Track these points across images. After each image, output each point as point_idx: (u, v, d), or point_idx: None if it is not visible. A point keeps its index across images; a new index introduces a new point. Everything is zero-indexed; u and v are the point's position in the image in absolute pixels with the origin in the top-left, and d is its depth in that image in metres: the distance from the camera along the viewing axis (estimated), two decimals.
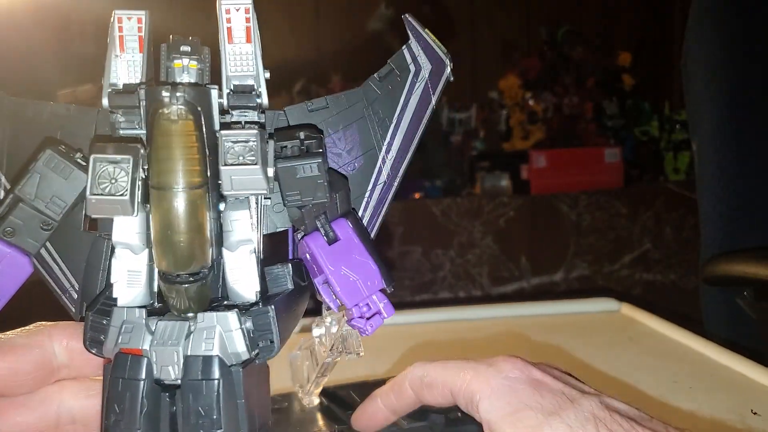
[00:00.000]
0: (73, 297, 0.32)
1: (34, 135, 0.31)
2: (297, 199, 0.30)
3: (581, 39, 2.40)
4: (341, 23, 2.42)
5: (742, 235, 0.96)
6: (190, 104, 0.27)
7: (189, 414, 0.28)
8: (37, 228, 0.30)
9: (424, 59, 0.34)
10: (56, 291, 0.32)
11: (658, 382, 0.63)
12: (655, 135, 2.40)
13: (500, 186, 2.16)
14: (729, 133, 0.96)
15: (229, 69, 0.30)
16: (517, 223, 2.10)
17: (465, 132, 2.32)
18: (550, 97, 2.33)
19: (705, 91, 0.99)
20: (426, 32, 0.34)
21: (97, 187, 0.27)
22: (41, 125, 0.31)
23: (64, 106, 0.32)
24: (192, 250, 0.27)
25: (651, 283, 2.20)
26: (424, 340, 0.80)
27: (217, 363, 0.28)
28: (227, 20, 0.30)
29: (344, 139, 0.33)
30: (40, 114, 0.32)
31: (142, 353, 0.28)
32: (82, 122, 0.32)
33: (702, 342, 0.71)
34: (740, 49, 0.97)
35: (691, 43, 1.01)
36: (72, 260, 0.32)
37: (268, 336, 0.29)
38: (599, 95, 2.38)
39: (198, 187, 0.27)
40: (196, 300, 0.29)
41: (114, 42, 0.30)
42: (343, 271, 0.31)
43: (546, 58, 2.40)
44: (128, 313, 0.29)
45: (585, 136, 2.34)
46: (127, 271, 0.29)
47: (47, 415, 0.32)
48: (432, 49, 0.34)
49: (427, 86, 0.34)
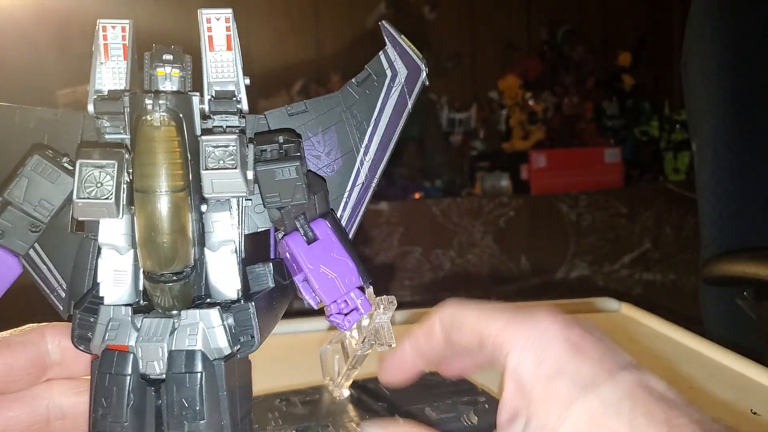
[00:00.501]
0: (60, 296, 0.33)
1: (21, 140, 0.32)
2: (276, 200, 0.32)
3: (581, 39, 2.40)
4: (341, 23, 2.42)
5: (741, 235, 0.96)
6: (173, 111, 0.29)
7: (173, 406, 0.29)
8: (25, 230, 0.31)
9: (400, 64, 0.35)
10: (44, 290, 0.33)
11: None
12: (655, 135, 2.40)
13: (500, 186, 2.16)
14: (729, 133, 0.96)
15: (210, 76, 0.31)
16: (517, 223, 2.10)
17: (465, 132, 2.33)
18: (550, 97, 2.33)
19: (705, 91, 0.99)
20: (402, 38, 0.35)
21: (83, 191, 0.28)
22: (28, 130, 0.32)
23: (51, 111, 0.33)
24: (175, 250, 0.29)
25: (651, 282, 2.20)
26: None
27: (199, 357, 0.29)
28: (208, 29, 0.31)
29: (323, 141, 0.34)
30: (28, 119, 0.32)
31: (128, 349, 0.30)
32: (69, 127, 0.33)
33: (702, 342, 0.71)
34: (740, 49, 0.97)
35: (691, 43, 1.01)
36: (59, 260, 0.32)
37: (249, 331, 0.31)
38: (599, 95, 2.38)
39: (180, 190, 0.29)
40: (179, 298, 0.30)
41: (99, 50, 0.31)
42: (322, 270, 0.32)
43: (546, 58, 2.40)
44: (114, 311, 0.30)
45: (585, 136, 2.34)
46: (113, 270, 0.31)
47: (38, 411, 0.33)
48: (408, 54, 0.35)
49: (404, 90, 0.35)
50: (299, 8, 2.38)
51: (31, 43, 2.09)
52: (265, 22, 2.33)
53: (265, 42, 2.31)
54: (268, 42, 2.32)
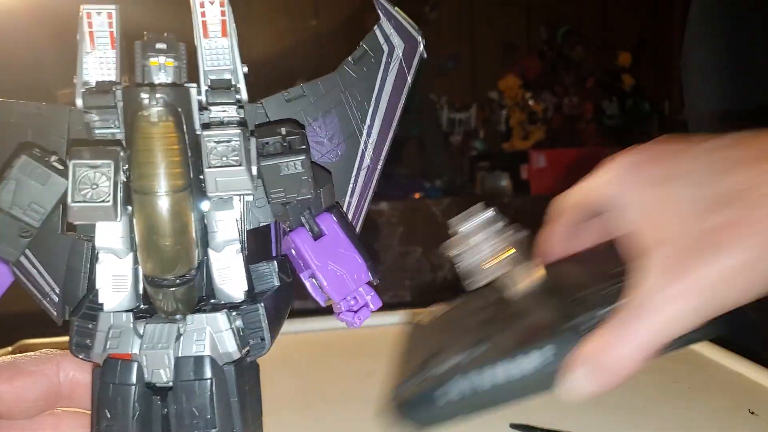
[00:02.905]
0: (54, 300, 0.31)
1: (2, 136, 0.30)
2: (281, 196, 0.30)
3: (581, 39, 2.40)
4: (341, 23, 2.42)
5: None
6: (170, 105, 0.27)
7: (183, 415, 0.28)
8: (15, 236, 0.29)
9: (396, 38, 0.33)
10: (36, 296, 0.31)
11: (657, 382, 0.63)
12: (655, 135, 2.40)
13: (500, 186, 2.16)
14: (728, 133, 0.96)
15: (205, 64, 0.29)
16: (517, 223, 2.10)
17: (465, 132, 2.33)
18: (550, 97, 2.33)
19: (704, 91, 0.99)
20: (396, 10, 0.33)
21: (78, 194, 0.27)
22: (9, 126, 0.30)
23: (34, 104, 0.31)
24: (178, 253, 0.27)
25: None
26: None
27: (208, 363, 0.28)
28: (202, 14, 0.29)
29: (324, 126, 0.33)
30: (8, 114, 0.30)
31: (131, 357, 0.28)
32: (54, 121, 0.30)
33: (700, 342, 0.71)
34: (740, 49, 0.98)
35: (691, 43, 1.01)
36: (51, 264, 0.31)
37: (259, 333, 0.29)
38: (599, 95, 2.38)
39: (181, 189, 0.27)
40: (183, 302, 0.29)
41: (84, 38, 0.28)
42: (330, 266, 0.31)
43: (546, 58, 2.40)
44: (115, 317, 0.29)
45: (585, 136, 2.34)
46: (112, 275, 0.29)
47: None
48: (403, 27, 0.33)
49: (402, 65, 0.33)
50: (299, 8, 2.38)
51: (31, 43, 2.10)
52: (265, 22, 2.33)
53: (265, 41, 2.32)
54: (268, 41, 2.32)
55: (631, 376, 0.31)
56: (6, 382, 0.31)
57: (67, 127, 0.31)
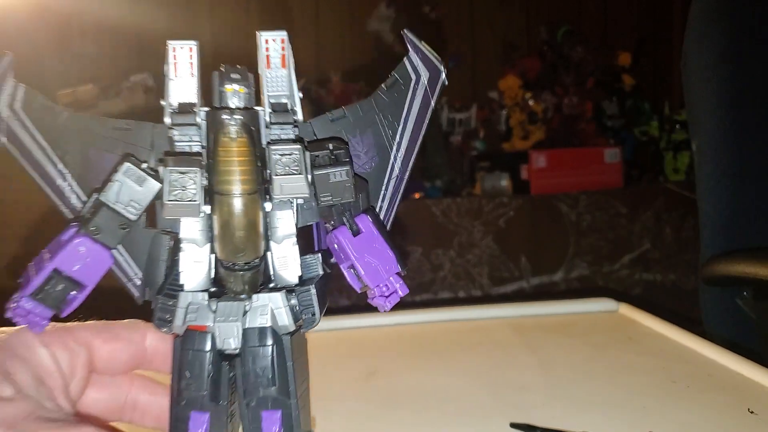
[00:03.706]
0: (136, 284, 0.38)
1: (99, 146, 0.37)
2: (329, 199, 0.36)
3: (581, 39, 2.40)
4: (341, 23, 2.42)
5: (741, 235, 0.96)
6: (245, 125, 0.34)
7: (249, 375, 0.35)
8: (116, 227, 0.35)
9: (422, 68, 0.38)
10: (122, 279, 0.37)
11: (657, 382, 0.63)
12: (655, 135, 2.40)
13: (500, 186, 2.16)
14: (729, 133, 0.96)
15: (268, 90, 0.35)
16: (517, 223, 2.10)
17: (465, 132, 2.33)
18: (549, 97, 2.33)
19: (705, 91, 0.99)
20: (422, 44, 0.39)
21: (170, 194, 0.33)
22: (106, 139, 0.37)
23: (124, 121, 0.37)
24: (247, 243, 0.34)
25: (651, 283, 2.20)
26: (424, 339, 0.80)
27: (270, 333, 0.35)
28: (266, 49, 0.35)
29: (361, 142, 0.39)
30: (105, 129, 0.37)
31: (207, 329, 0.35)
32: (139, 135, 0.37)
33: (699, 342, 0.71)
34: (740, 49, 0.98)
35: (691, 44, 1.01)
36: (135, 253, 0.37)
37: (311, 310, 0.36)
38: (599, 95, 2.38)
39: (253, 192, 0.34)
40: (250, 283, 0.35)
41: (169, 67, 0.35)
42: (366, 258, 0.36)
43: (546, 58, 2.40)
44: (193, 296, 0.35)
45: (585, 136, 2.34)
46: (192, 261, 0.35)
47: (118, 398, 0.40)
48: (429, 58, 0.38)
49: (427, 91, 0.39)
50: (300, 9, 2.38)
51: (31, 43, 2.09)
52: (266, 23, 2.33)
53: None
54: None
55: None
56: (105, 343, 0.38)
57: (151, 140, 0.37)
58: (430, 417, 0.57)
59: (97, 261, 0.35)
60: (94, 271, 0.35)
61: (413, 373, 0.69)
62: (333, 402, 0.61)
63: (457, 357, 0.73)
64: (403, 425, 0.56)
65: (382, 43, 2.25)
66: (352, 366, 0.71)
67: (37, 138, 0.36)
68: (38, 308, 0.34)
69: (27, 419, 0.31)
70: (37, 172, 0.36)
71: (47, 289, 0.34)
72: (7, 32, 2.02)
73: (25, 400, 0.32)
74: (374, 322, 0.85)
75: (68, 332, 0.38)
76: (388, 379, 0.67)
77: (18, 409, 0.32)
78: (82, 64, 2.14)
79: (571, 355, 0.72)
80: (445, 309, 0.88)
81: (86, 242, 0.35)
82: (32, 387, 0.34)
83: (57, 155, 0.36)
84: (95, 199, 0.35)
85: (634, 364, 0.68)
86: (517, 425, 0.54)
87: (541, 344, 0.76)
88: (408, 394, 0.63)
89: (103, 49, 2.17)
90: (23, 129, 0.36)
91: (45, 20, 2.07)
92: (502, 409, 0.58)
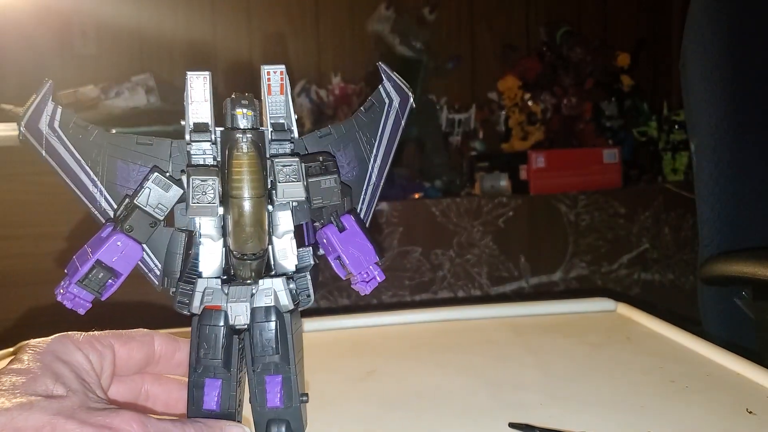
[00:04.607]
0: (156, 274, 0.44)
1: (125, 158, 0.43)
2: (320, 202, 0.43)
3: (580, 40, 2.40)
4: (341, 23, 2.42)
5: (740, 235, 0.97)
6: (254, 142, 0.41)
7: (257, 345, 0.42)
8: (146, 226, 0.42)
9: (394, 94, 0.46)
10: (144, 270, 0.44)
11: (655, 382, 0.63)
12: (654, 135, 2.40)
13: (499, 186, 2.16)
14: (727, 133, 0.97)
15: (269, 113, 0.43)
16: (516, 223, 2.10)
17: (464, 133, 2.33)
18: (549, 97, 2.33)
19: (703, 91, 0.99)
20: (395, 74, 0.46)
21: (193, 198, 0.40)
22: (132, 152, 0.43)
23: (147, 138, 0.44)
24: (255, 238, 0.41)
25: (649, 282, 2.20)
26: (423, 339, 0.80)
27: (273, 311, 0.42)
28: (268, 79, 0.43)
29: (344, 155, 0.46)
30: (132, 144, 0.43)
31: (221, 308, 0.42)
32: (160, 149, 0.44)
33: (697, 341, 0.72)
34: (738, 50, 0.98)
35: (690, 44, 1.01)
36: (155, 247, 0.44)
37: (306, 292, 0.44)
38: (598, 96, 2.38)
39: (260, 196, 0.41)
40: (256, 271, 0.42)
41: (189, 93, 0.42)
42: (350, 250, 0.44)
43: (545, 59, 2.40)
44: (209, 282, 0.42)
45: (584, 136, 2.34)
46: (209, 253, 0.43)
47: (134, 391, 0.47)
48: (399, 86, 0.46)
49: (398, 113, 0.46)
50: (300, 9, 2.38)
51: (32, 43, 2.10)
52: (266, 24, 2.33)
53: (266, 44, 2.32)
54: (269, 44, 2.32)
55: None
56: (123, 345, 0.45)
57: (169, 153, 0.44)
58: (429, 416, 0.58)
59: (131, 253, 0.42)
60: (128, 261, 0.42)
61: (412, 372, 0.69)
62: (332, 401, 0.61)
63: (456, 356, 0.73)
64: (401, 424, 0.56)
65: (382, 44, 2.25)
66: (351, 365, 0.71)
67: (72, 151, 0.43)
68: (83, 293, 0.41)
69: (80, 410, 0.37)
70: (71, 180, 0.43)
71: (90, 277, 0.41)
72: (8, 32, 2.02)
73: (75, 395, 0.38)
74: (373, 321, 0.85)
75: (95, 338, 0.44)
76: (387, 378, 0.67)
77: (72, 402, 0.37)
78: (83, 65, 2.14)
79: (570, 355, 0.72)
80: (444, 309, 0.88)
81: (122, 238, 0.42)
82: (77, 384, 0.39)
83: (89, 166, 0.43)
84: (129, 202, 0.42)
85: (633, 364, 0.68)
86: (515, 425, 0.54)
87: (539, 344, 0.76)
88: (407, 393, 0.63)
89: (104, 49, 2.17)
90: (60, 144, 0.42)
91: (45, 20, 2.07)
92: (500, 409, 0.58)
